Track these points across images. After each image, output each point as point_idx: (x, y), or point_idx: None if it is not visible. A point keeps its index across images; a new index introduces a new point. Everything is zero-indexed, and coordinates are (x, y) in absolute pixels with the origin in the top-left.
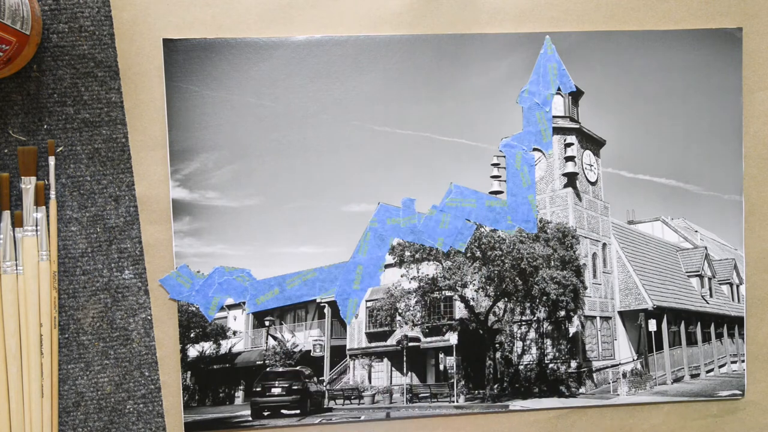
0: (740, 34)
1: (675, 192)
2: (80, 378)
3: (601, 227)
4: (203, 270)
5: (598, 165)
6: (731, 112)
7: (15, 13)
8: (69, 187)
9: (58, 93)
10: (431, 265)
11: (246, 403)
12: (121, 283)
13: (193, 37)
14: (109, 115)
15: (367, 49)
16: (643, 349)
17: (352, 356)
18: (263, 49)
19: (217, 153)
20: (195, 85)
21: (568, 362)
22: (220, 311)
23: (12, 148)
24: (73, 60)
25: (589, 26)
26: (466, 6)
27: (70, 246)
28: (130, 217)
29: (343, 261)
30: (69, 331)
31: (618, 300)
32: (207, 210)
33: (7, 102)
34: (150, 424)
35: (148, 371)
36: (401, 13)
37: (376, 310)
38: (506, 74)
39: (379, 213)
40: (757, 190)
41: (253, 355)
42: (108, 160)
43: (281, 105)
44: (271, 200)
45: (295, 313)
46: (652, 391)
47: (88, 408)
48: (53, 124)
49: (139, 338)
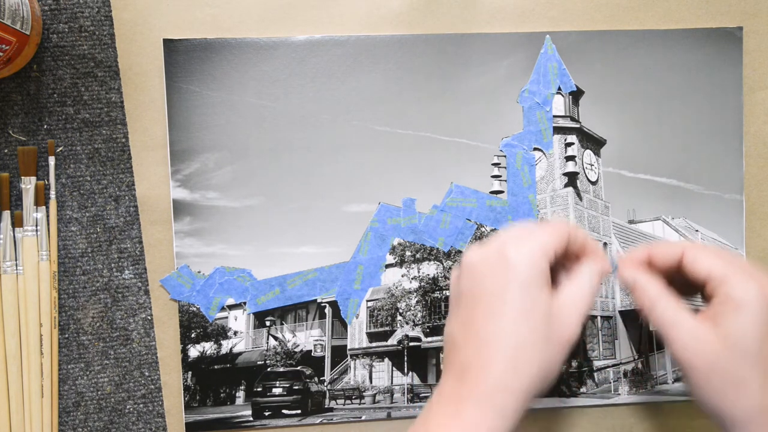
0: (740, 34)
1: (676, 191)
2: (80, 378)
3: (602, 227)
4: (204, 270)
5: (599, 164)
6: (732, 111)
7: (15, 13)
8: (69, 187)
9: (58, 93)
10: (432, 265)
11: (247, 404)
12: (121, 283)
13: (193, 37)
14: (109, 115)
15: (367, 49)
16: (643, 348)
17: (353, 356)
18: (263, 49)
19: (217, 153)
20: (195, 85)
21: (568, 362)
22: (221, 311)
23: (12, 148)
24: (73, 60)
25: (589, 26)
26: (466, 6)
27: (70, 246)
28: (130, 217)
29: (344, 261)
30: (69, 331)
31: (619, 299)
32: (208, 210)
33: (7, 102)
34: (150, 424)
35: (149, 371)
36: (401, 13)
37: (376, 310)
38: (506, 74)
39: (379, 213)
40: (758, 189)
41: (254, 356)
42: (108, 160)
43: (281, 105)
44: (272, 200)
45: (296, 313)
46: (653, 391)
47: (88, 408)
48: (53, 124)
49: (139, 338)
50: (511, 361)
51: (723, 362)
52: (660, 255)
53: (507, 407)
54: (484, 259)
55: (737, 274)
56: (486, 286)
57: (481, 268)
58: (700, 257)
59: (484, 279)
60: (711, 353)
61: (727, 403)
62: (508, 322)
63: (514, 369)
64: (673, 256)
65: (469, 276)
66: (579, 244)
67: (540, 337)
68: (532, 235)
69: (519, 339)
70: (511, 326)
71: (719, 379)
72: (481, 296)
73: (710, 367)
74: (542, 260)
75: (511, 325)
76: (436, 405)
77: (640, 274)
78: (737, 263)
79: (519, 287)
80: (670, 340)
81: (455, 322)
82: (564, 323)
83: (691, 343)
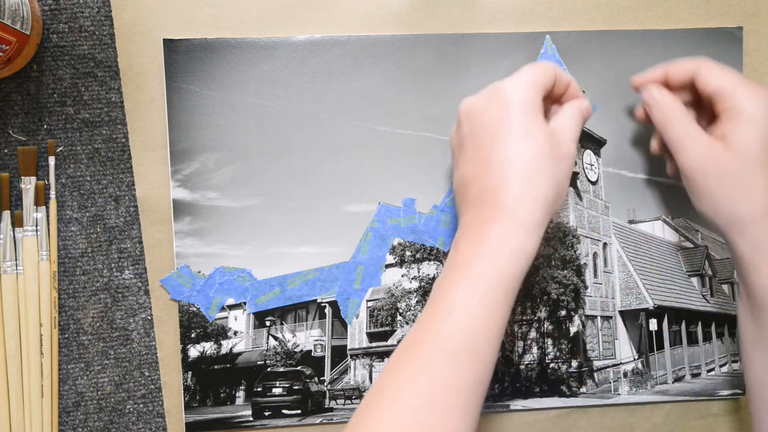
0: (740, 34)
1: (676, 191)
2: (80, 378)
3: (602, 227)
4: (204, 270)
5: (599, 164)
6: None
7: (15, 13)
8: (69, 187)
9: (58, 93)
10: (432, 265)
11: (247, 404)
12: (121, 283)
13: (193, 37)
14: (109, 115)
15: (367, 49)
16: (644, 348)
17: (353, 356)
18: (263, 49)
19: (217, 153)
20: (195, 85)
21: (569, 362)
22: (221, 311)
23: (12, 148)
24: (73, 60)
25: (589, 26)
26: (466, 6)
27: (70, 246)
28: (130, 217)
29: (344, 261)
30: (69, 331)
31: (619, 299)
32: (208, 210)
33: (7, 102)
34: (150, 424)
35: (149, 371)
36: (401, 13)
37: (377, 310)
38: (506, 74)
39: (379, 213)
40: None
41: (254, 356)
42: (108, 160)
43: (281, 105)
44: (272, 200)
45: (296, 313)
46: (653, 391)
47: (88, 408)
48: (53, 124)
49: (139, 338)
50: (524, 177)
51: (733, 169)
52: (675, 71)
53: (529, 221)
54: (480, 99)
55: (745, 89)
56: (488, 119)
57: (480, 107)
58: (714, 72)
59: (484, 114)
60: (721, 160)
61: (736, 205)
62: (515, 142)
63: (529, 183)
64: (688, 71)
65: (469, 119)
66: (563, 84)
67: (545, 153)
68: (523, 72)
69: (527, 155)
70: (518, 145)
71: (729, 185)
72: (485, 129)
73: (721, 173)
74: (535, 90)
75: (518, 144)
76: (461, 238)
77: (659, 90)
78: (745, 80)
79: (519, 111)
80: (684, 150)
81: (462, 169)
82: (561, 142)
83: (704, 152)
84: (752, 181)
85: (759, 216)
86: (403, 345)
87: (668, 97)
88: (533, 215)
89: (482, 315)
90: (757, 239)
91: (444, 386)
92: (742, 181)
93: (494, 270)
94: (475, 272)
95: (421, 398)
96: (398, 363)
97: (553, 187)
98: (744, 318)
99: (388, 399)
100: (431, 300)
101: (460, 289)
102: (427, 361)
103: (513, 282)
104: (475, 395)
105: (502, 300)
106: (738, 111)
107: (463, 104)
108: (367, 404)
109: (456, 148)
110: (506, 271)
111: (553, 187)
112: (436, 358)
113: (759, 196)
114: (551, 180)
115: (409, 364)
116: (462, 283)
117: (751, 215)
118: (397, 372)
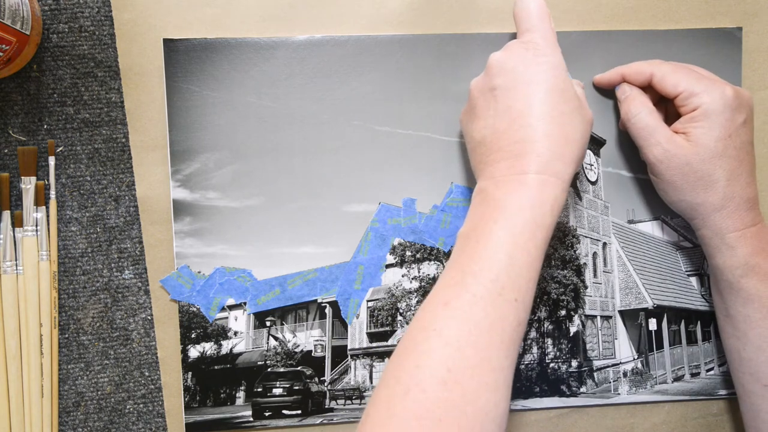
0: (740, 34)
1: None
2: (80, 378)
3: (602, 226)
4: (204, 270)
5: (599, 164)
6: None
7: (15, 13)
8: (69, 187)
9: (58, 93)
10: (432, 265)
11: (247, 404)
12: (121, 283)
13: (193, 37)
14: (109, 115)
15: (367, 49)
16: (643, 348)
17: (354, 356)
18: (264, 49)
19: (217, 153)
20: (195, 85)
21: (569, 361)
22: (221, 312)
23: (12, 148)
24: (73, 60)
25: (589, 26)
26: (466, 6)
27: (70, 246)
28: (130, 217)
29: (344, 261)
30: (69, 331)
31: (618, 299)
32: (208, 210)
33: (7, 102)
34: (150, 425)
35: (149, 371)
36: (401, 13)
37: (377, 310)
38: None
39: (379, 213)
40: (758, 189)
41: (254, 356)
42: (108, 160)
43: (281, 105)
44: (272, 200)
45: (296, 313)
46: (653, 390)
47: (88, 408)
48: (53, 124)
49: (139, 338)
50: (561, 132)
51: (694, 162)
52: (632, 74)
53: (563, 172)
54: (512, 53)
55: (702, 86)
56: (522, 74)
57: (512, 62)
58: (668, 74)
59: (517, 68)
60: (683, 154)
61: (698, 196)
62: (550, 98)
63: (565, 139)
64: (644, 75)
65: (501, 72)
66: None
67: (575, 109)
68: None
69: (563, 111)
70: (554, 101)
71: (691, 177)
72: (518, 84)
73: (683, 166)
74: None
75: (554, 100)
76: (494, 187)
77: (630, 87)
78: (701, 75)
79: (552, 69)
80: (651, 144)
81: (491, 121)
82: (585, 107)
83: (668, 147)
84: (711, 172)
85: (719, 205)
86: (439, 287)
87: (638, 93)
88: (566, 168)
89: (524, 259)
90: (718, 225)
91: (488, 324)
92: (703, 173)
93: (535, 217)
94: (518, 218)
95: (463, 335)
96: (435, 305)
97: (583, 147)
98: (715, 296)
99: (433, 335)
100: (463, 246)
101: (503, 233)
102: (471, 300)
103: (548, 233)
104: (517, 335)
105: (541, 247)
106: (695, 107)
107: (493, 58)
108: (405, 345)
109: (481, 101)
110: (544, 221)
111: (583, 147)
112: (481, 297)
113: (719, 187)
114: (583, 141)
115: (450, 305)
116: (504, 228)
117: (713, 205)
118: (434, 312)
